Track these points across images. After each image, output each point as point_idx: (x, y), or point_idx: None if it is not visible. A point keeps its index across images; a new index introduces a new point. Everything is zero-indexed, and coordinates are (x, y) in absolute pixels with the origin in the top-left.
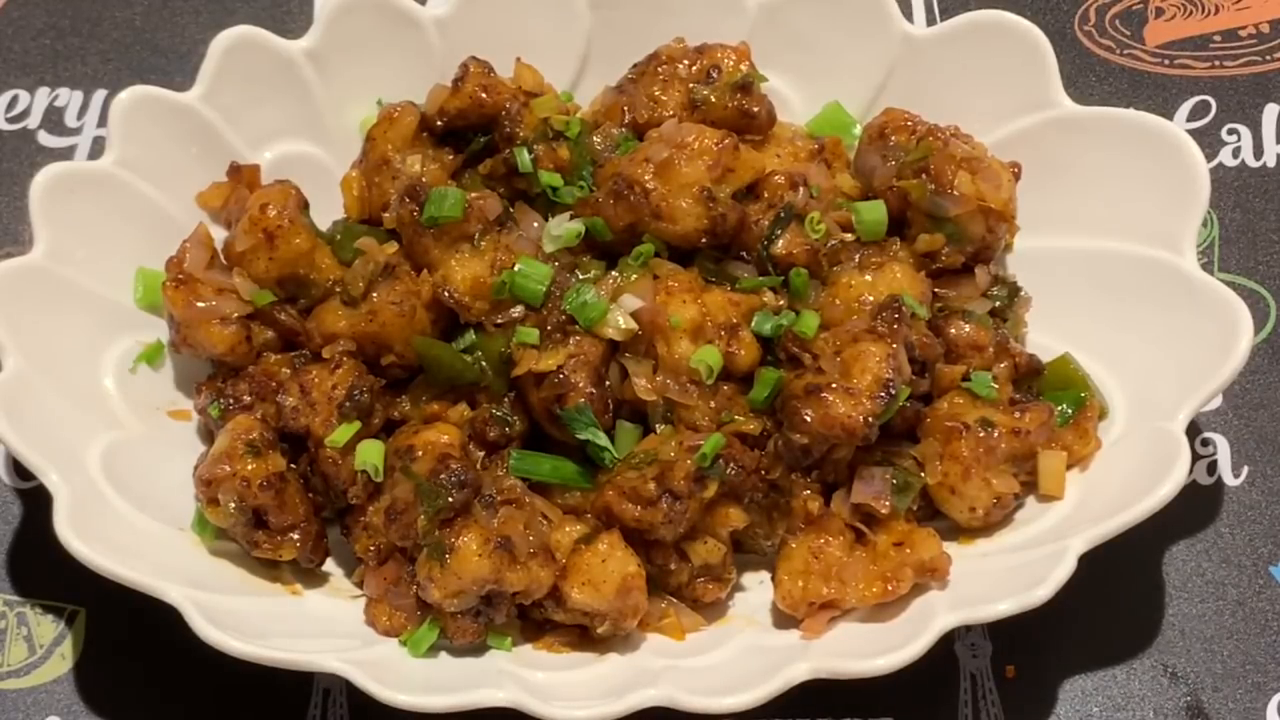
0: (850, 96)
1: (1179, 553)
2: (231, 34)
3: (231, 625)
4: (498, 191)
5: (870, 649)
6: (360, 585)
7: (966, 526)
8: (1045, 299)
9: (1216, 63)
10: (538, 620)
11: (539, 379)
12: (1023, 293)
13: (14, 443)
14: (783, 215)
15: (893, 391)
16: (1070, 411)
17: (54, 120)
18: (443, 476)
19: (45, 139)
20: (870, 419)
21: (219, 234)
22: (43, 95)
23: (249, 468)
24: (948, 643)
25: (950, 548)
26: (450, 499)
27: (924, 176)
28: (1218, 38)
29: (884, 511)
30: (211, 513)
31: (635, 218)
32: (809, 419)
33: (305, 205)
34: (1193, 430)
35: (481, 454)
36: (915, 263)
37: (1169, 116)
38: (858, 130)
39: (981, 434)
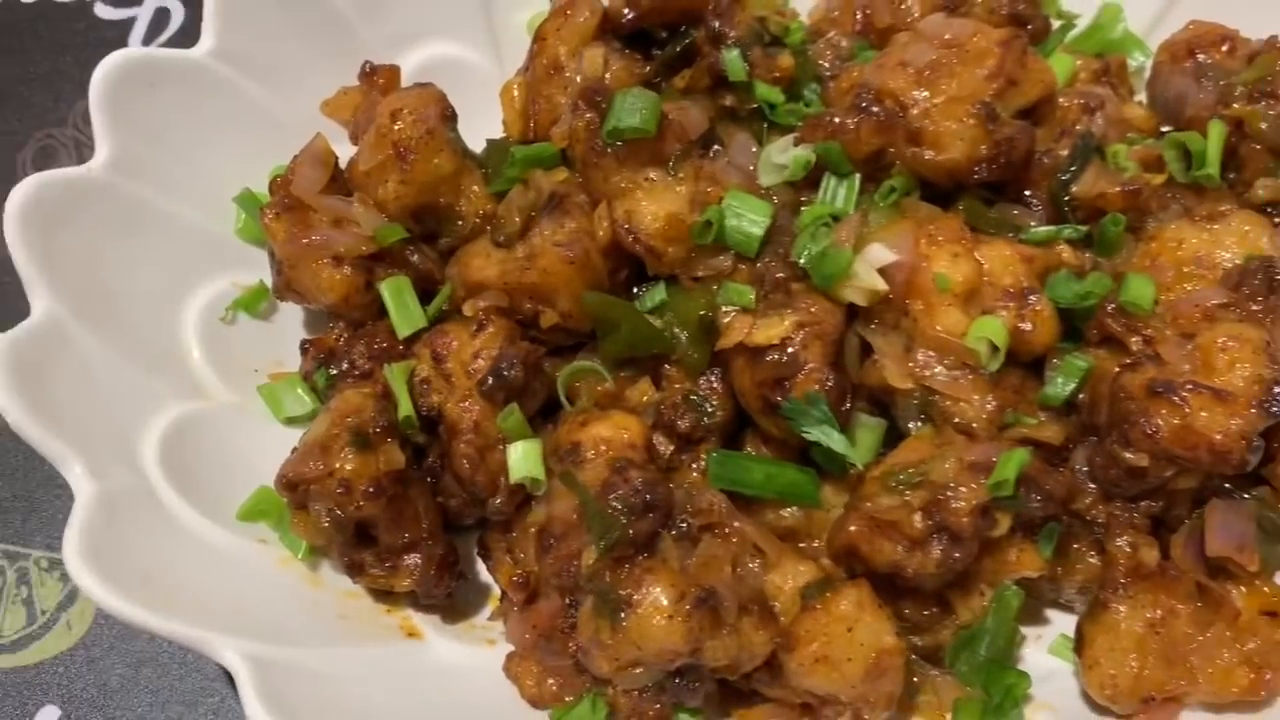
0: (1130, 10)
1: None
2: None
3: (308, 700)
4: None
5: None
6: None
7: None
8: None
9: None
10: (742, 688)
11: (754, 354)
12: None
13: (20, 421)
14: (1083, 145)
15: None
16: None
17: None
18: (619, 493)
19: (103, 10)
20: (1252, 437)
21: (347, 153)
22: None
23: (350, 466)
24: None
25: None
26: (629, 530)
27: (1267, 101)
28: None
29: (1252, 568)
30: (300, 523)
31: (886, 142)
32: (1158, 431)
33: (452, 116)
34: None
35: (669, 449)
36: None
37: None
38: (1140, 55)
39: None
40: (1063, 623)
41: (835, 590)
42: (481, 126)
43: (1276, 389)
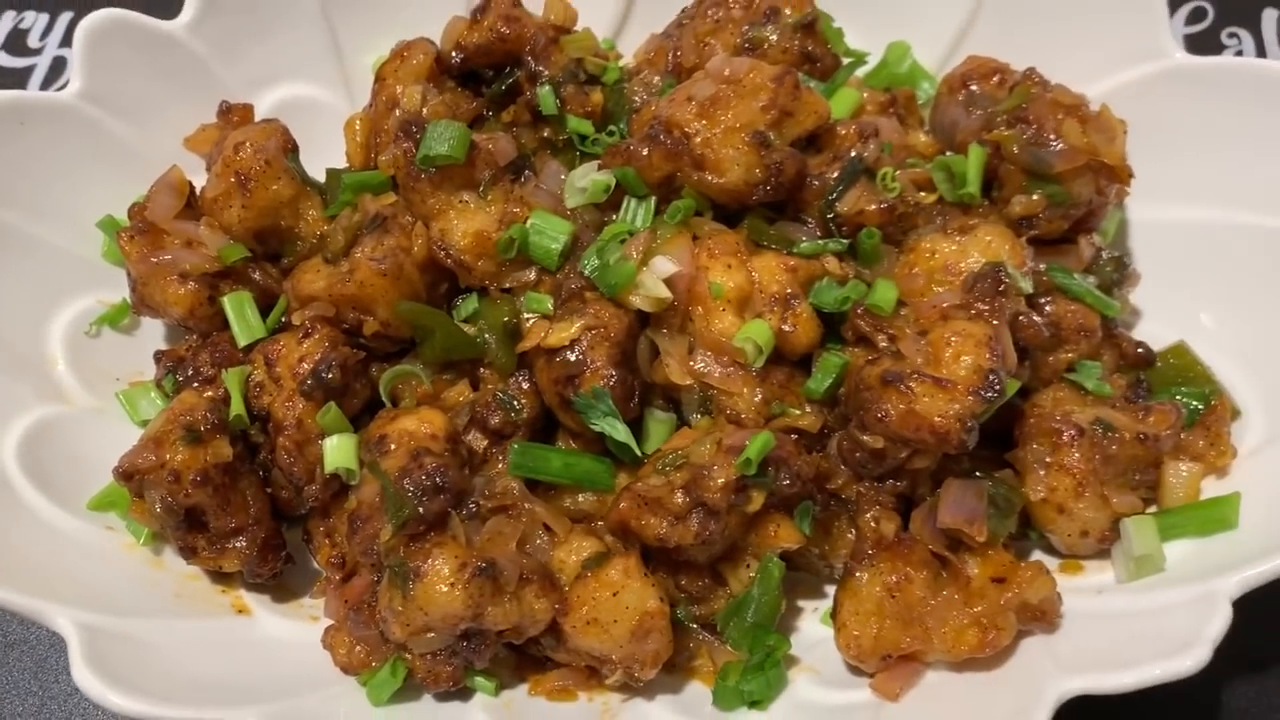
0: (925, 47)
1: None
2: None
3: (131, 663)
4: (520, 141)
5: None
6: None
7: (1069, 553)
8: (1151, 279)
9: None
10: (537, 655)
11: (550, 355)
12: (1131, 267)
13: None
14: (850, 168)
15: (997, 386)
16: (1199, 409)
17: (16, 42)
18: (412, 476)
19: (3, 59)
20: (969, 420)
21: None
22: (8, 19)
23: (179, 457)
24: None
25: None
26: (419, 508)
27: (1021, 126)
28: None
29: (980, 539)
30: (138, 511)
31: (674, 167)
32: (887, 416)
33: (293, 148)
34: None
35: (485, 444)
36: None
37: None
38: (929, 87)
39: (1100, 439)
40: None
41: (609, 561)
42: (332, 158)
43: (992, 377)
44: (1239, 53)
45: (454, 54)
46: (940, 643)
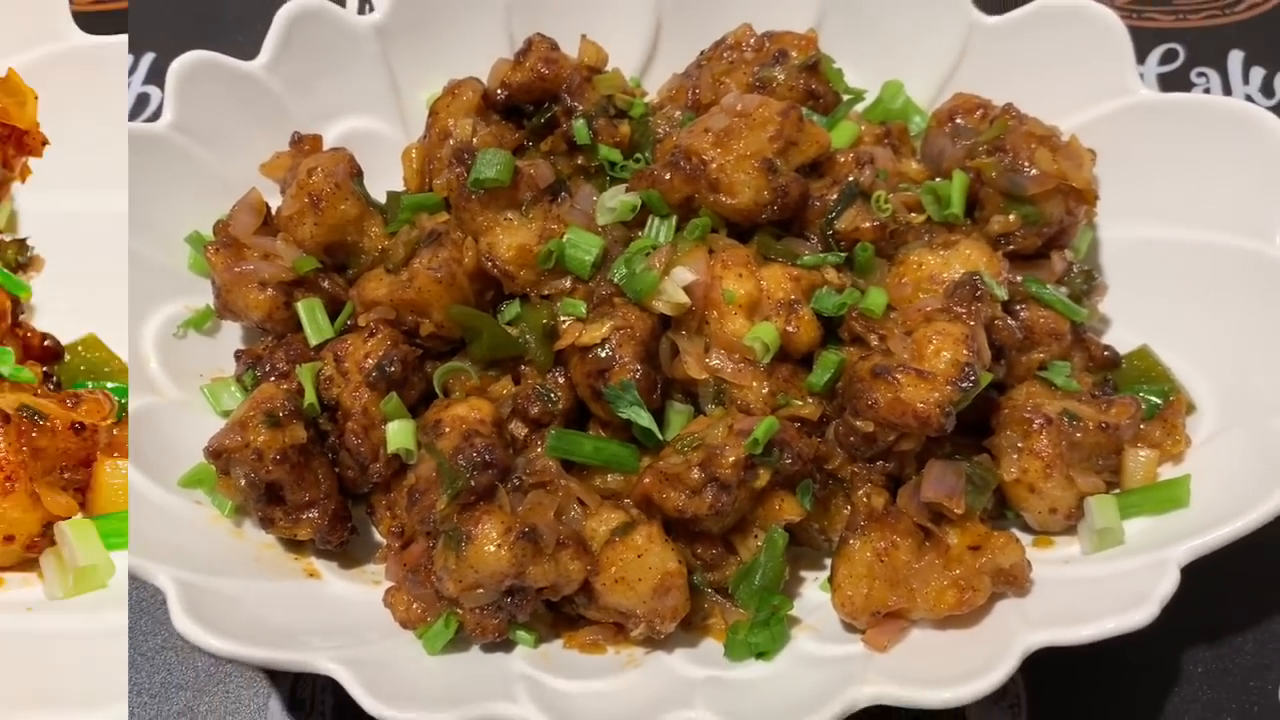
0: (917, 85)
1: None
2: (296, 4)
3: (221, 614)
4: (557, 167)
5: (943, 670)
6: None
7: (1041, 529)
8: (1119, 290)
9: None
10: (571, 614)
11: (583, 353)
12: (1099, 280)
13: None
14: (847, 191)
15: (972, 377)
16: (1159, 404)
17: None
18: (464, 454)
19: None
20: (947, 406)
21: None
22: None
23: (261, 439)
24: None
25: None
26: (471, 480)
27: (999, 155)
28: None
29: (958, 511)
30: (223, 486)
31: (693, 190)
32: (876, 403)
33: (358, 173)
34: None
35: (525, 431)
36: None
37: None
38: (920, 120)
39: (1066, 427)
40: None
41: (634, 529)
42: (389, 182)
43: (968, 370)
44: (1206, 90)
45: (499, 91)
46: (923, 602)
